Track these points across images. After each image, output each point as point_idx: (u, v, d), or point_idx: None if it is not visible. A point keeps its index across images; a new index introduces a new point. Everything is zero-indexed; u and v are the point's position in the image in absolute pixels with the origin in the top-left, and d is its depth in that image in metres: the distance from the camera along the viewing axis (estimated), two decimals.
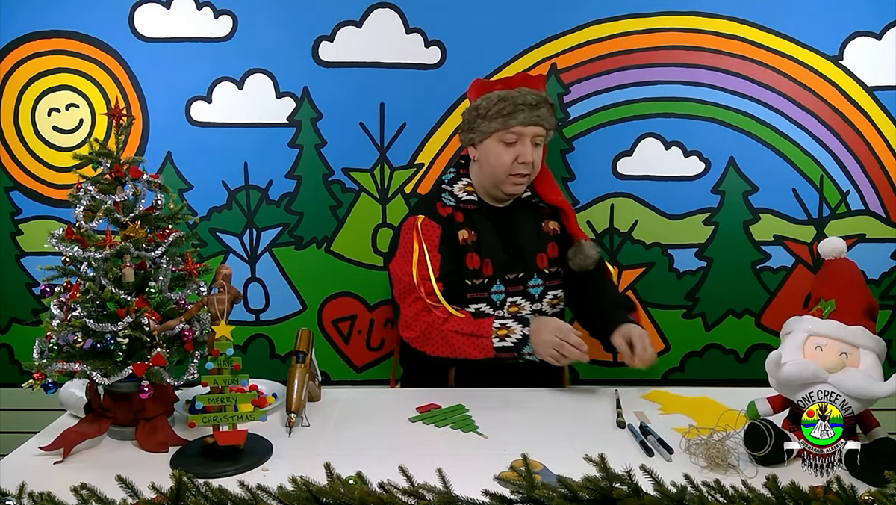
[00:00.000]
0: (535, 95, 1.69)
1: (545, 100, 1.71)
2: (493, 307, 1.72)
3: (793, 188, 2.06)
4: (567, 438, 1.34)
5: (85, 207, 1.28)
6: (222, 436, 1.22)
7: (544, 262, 1.77)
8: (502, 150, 1.69)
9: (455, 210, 1.74)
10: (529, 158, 1.68)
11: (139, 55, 2.03)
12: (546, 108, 1.70)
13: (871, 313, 1.24)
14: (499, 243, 1.74)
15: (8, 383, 2.13)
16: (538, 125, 1.68)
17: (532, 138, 1.69)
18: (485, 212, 1.76)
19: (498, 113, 1.68)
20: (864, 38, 2.00)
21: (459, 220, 1.74)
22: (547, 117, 1.70)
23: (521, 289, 1.74)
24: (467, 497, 0.95)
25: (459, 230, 1.72)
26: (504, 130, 1.67)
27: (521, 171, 1.69)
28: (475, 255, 1.71)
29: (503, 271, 1.73)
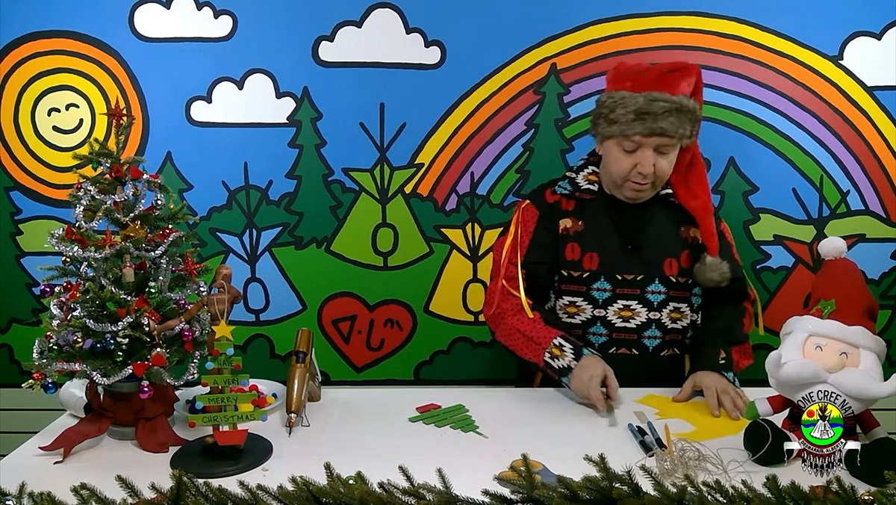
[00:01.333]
0: (663, 102, 1.52)
1: (677, 107, 1.53)
2: (594, 305, 1.63)
3: (793, 188, 2.06)
4: (567, 438, 1.34)
5: (85, 207, 1.28)
6: (222, 436, 1.22)
7: (674, 269, 1.63)
8: (621, 156, 1.58)
9: (568, 198, 1.68)
10: (648, 169, 1.55)
11: (139, 55, 2.03)
12: (676, 116, 1.53)
13: (871, 313, 1.24)
14: (615, 238, 1.63)
15: (8, 383, 2.13)
16: (662, 135, 1.54)
17: (656, 147, 1.55)
18: (605, 203, 1.66)
19: (618, 118, 1.56)
20: (864, 38, 2.00)
21: (567, 208, 1.67)
22: (674, 127, 1.53)
23: (639, 293, 1.63)
24: (467, 497, 0.95)
25: (562, 219, 1.66)
26: (622, 138, 1.56)
27: (639, 180, 1.57)
28: (576, 245, 1.64)
29: (615, 269, 1.63)
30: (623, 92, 1.57)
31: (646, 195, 1.63)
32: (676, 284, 1.64)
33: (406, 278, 2.13)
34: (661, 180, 1.61)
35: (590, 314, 1.65)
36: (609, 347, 1.65)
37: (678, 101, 1.54)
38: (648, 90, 1.55)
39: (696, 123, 1.61)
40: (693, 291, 1.69)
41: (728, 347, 1.62)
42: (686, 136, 1.58)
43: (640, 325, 1.64)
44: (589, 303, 1.65)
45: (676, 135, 1.55)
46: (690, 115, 1.57)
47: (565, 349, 1.53)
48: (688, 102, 1.56)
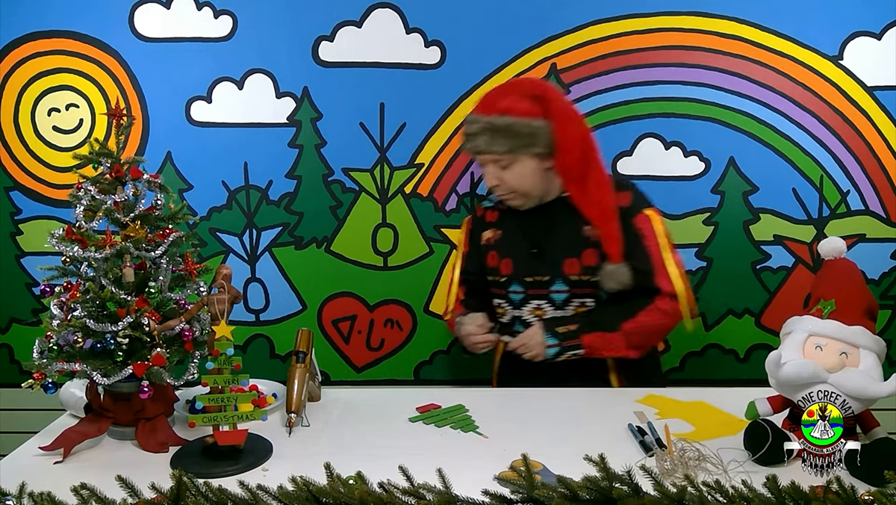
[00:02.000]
0: (475, 124, 1.64)
1: (485, 127, 1.62)
2: (513, 306, 1.74)
3: (793, 188, 2.06)
4: (567, 438, 1.34)
5: (85, 207, 1.28)
6: (222, 436, 1.22)
7: (574, 268, 1.68)
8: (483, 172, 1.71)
9: (492, 210, 1.80)
10: (489, 183, 1.68)
11: (139, 55, 2.03)
12: (486, 135, 1.62)
13: (871, 313, 1.24)
14: (523, 244, 1.73)
15: (8, 383, 2.13)
16: (480, 153, 1.65)
17: (493, 162, 1.65)
18: (516, 212, 1.74)
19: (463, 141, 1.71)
20: (864, 38, 2.00)
21: (491, 219, 1.80)
22: (487, 144, 1.62)
23: (546, 292, 1.71)
24: (467, 497, 0.95)
25: (485, 230, 1.79)
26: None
27: (498, 193, 1.70)
28: (495, 253, 1.76)
29: (524, 273, 1.72)
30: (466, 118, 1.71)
31: (518, 202, 1.70)
32: (579, 281, 1.69)
33: (406, 278, 2.13)
34: (524, 190, 1.67)
35: (511, 315, 1.76)
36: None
37: (489, 121, 1.62)
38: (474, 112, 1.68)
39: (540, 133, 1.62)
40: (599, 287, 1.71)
41: (585, 325, 1.66)
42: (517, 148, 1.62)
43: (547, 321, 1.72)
44: (509, 304, 1.76)
45: (492, 152, 1.63)
46: (507, 131, 1.61)
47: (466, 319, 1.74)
48: (500, 120, 1.61)
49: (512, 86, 1.71)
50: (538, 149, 1.63)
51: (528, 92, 1.65)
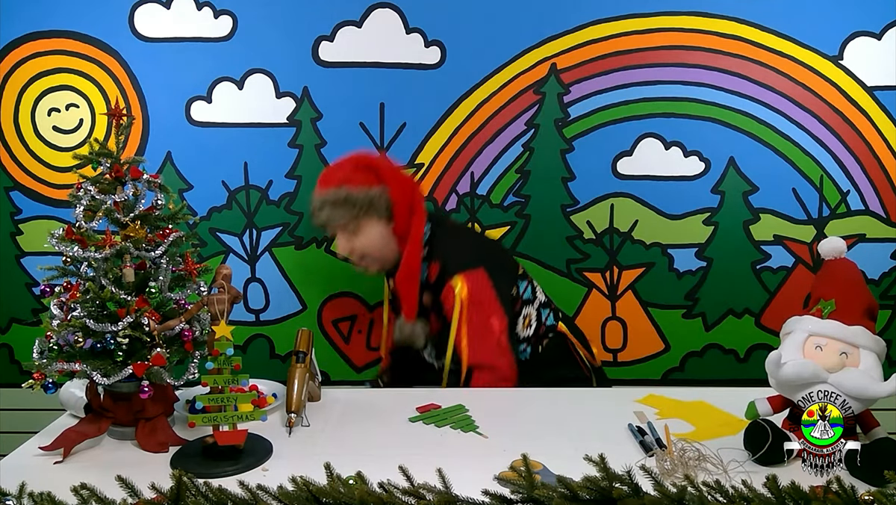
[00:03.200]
0: (315, 201, 1.75)
1: (325, 200, 1.72)
2: None
3: (793, 188, 2.06)
4: (567, 438, 1.34)
5: (85, 207, 1.28)
6: (222, 436, 1.22)
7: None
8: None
9: None
10: (342, 252, 1.79)
11: (139, 55, 2.03)
12: (327, 208, 1.72)
13: (871, 313, 1.24)
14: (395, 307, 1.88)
15: (8, 383, 2.13)
16: (324, 226, 1.77)
17: (341, 232, 1.75)
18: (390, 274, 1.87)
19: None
20: (864, 38, 2.00)
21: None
22: (329, 218, 1.73)
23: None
24: (467, 497, 0.95)
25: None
26: None
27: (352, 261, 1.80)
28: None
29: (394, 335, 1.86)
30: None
31: (375, 269, 1.81)
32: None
33: None
34: (374, 255, 1.77)
35: None
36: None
37: (326, 196, 1.73)
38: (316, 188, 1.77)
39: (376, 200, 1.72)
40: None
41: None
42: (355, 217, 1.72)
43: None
44: None
45: (337, 223, 1.74)
46: (343, 203, 1.71)
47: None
48: (337, 193, 1.71)
49: (345, 161, 1.78)
50: (378, 213, 1.74)
51: (360, 163, 1.76)
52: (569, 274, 2.12)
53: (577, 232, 2.10)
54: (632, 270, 2.12)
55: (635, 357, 2.16)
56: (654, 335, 2.14)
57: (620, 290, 2.12)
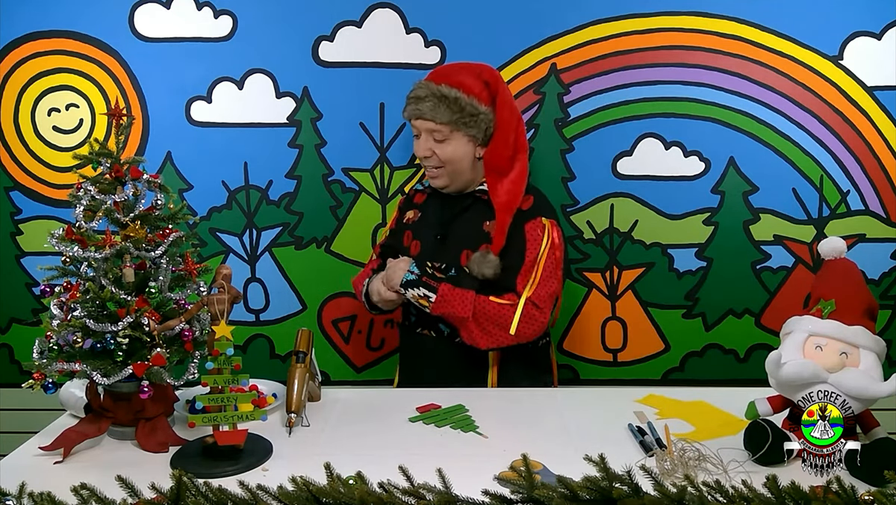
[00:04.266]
0: (422, 88, 1.68)
1: (434, 93, 1.65)
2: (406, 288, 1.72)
3: (793, 188, 2.06)
4: (567, 438, 1.34)
5: (85, 207, 1.28)
6: (222, 436, 1.22)
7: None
8: (414, 141, 1.75)
9: (421, 192, 1.85)
10: (421, 153, 1.70)
11: (139, 55, 2.03)
12: (432, 101, 1.65)
13: (871, 313, 1.24)
14: (432, 229, 1.76)
15: (8, 383, 2.13)
16: (421, 119, 1.67)
17: (430, 132, 1.68)
18: (437, 197, 1.80)
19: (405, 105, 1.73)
20: (864, 38, 2.00)
21: (417, 201, 1.85)
22: (432, 111, 1.65)
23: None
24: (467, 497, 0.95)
25: (409, 210, 1.84)
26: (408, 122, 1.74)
27: (426, 164, 1.72)
28: (410, 233, 1.81)
29: (426, 257, 1.75)
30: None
31: (440, 181, 1.73)
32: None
33: None
34: (451, 168, 1.70)
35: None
36: (416, 326, 1.80)
37: (438, 89, 1.66)
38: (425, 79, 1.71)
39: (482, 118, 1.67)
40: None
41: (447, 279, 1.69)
42: (458, 123, 1.65)
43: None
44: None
45: (435, 119, 1.65)
46: (453, 104, 1.65)
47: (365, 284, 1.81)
48: (450, 92, 1.65)
49: (467, 65, 1.74)
50: (476, 132, 1.68)
51: (482, 75, 1.71)
52: (569, 274, 2.12)
53: (577, 232, 2.10)
54: (632, 270, 2.12)
55: (635, 357, 2.16)
56: (654, 335, 2.15)
57: (620, 290, 2.12)
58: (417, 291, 1.67)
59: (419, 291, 1.67)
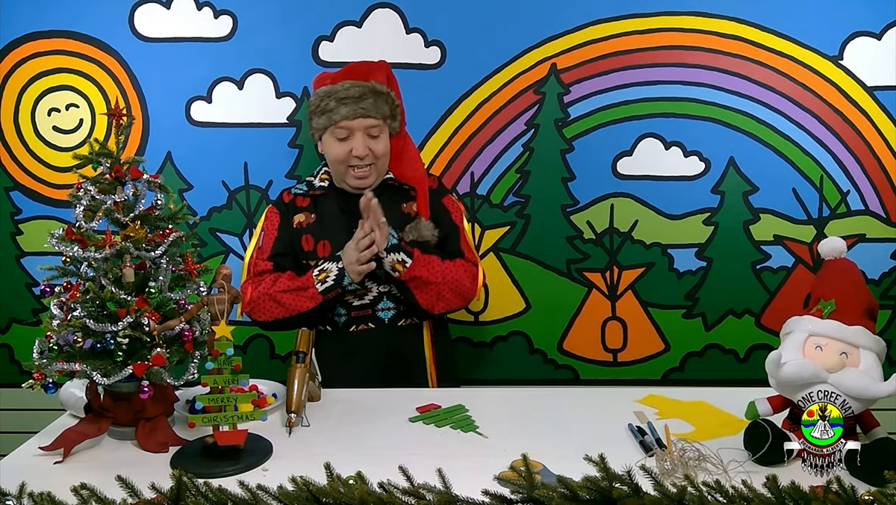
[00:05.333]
0: (358, 87, 1.67)
1: (371, 89, 1.68)
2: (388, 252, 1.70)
3: (793, 188, 2.06)
4: (567, 438, 1.34)
5: (85, 207, 1.28)
6: (222, 436, 1.22)
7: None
8: (335, 144, 1.69)
9: (303, 196, 1.78)
10: (361, 152, 1.67)
11: (139, 55, 2.03)
12: (372, 97, 1.67)
13: (871, 313, 1.24)
14: (343, 225, 1.72)
15: (8, 383, 2.14)
16: (365, 117, 1.67)
17: (365, 130, 1.68)
18: (334, 197, 1.77)
19: (323, 110, 1.69)
20: (864, 38, 2.00)
21: (302, 204, 1.78)
22: (374, 107, 1.67)
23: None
24: (467, 497, 0.95)
25: (296, 214, 1.77)
26: (333, 126, 1.68)
27: (358, 164, 1.69)
28: (310, 236, 1.75)
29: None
30: (322, 88, 1.71)
31: (370, 180, 1.72)
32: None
33: None
34: (381, 162, 1.72)
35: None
36: (350, 325, 1.75)
37: (371, 85, 1.68)
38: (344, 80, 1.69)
39: (398, 109, 1.74)
40: None
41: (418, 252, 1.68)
42: (389, 117, 1.71)
43: (373, 299, 1.73)
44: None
45: (379, 114, 1.69)
46: (387, 98, 1.70)
47: (324, 267, 1.67)
48: (381, 87, 1.70)
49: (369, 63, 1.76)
50: (396, 124, 1.75)
51: (384, 70, 1.75)
52: (569, 274, 2.12)
53: (577, 232, 2.10)
54: (632, 270, 2.12)
55: (635, 357, 2.16)
56: (654, 335, 2.15)
57: (620, 290, 2.12)
58: (396, 255, 1.65)
59: (398, 255, 1.65)
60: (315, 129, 1.74)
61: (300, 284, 1.68)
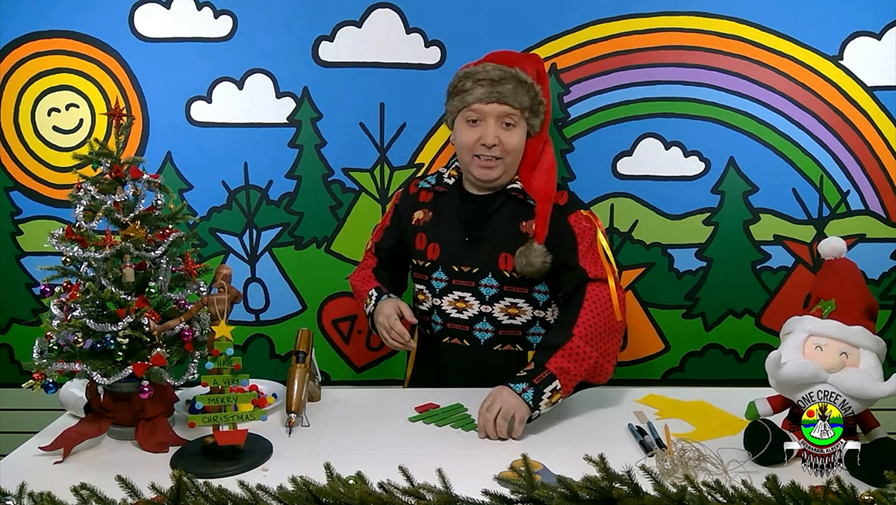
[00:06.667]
0: (499, 71, 1.57)
1: (513, 76, 1.58)
2: (433, 294, 1.68)
3: (793, 188, 2.06)
4: (567, 438, 1.34)
5: (85, 207, 1.28)
6: (222, 436, 1.22)
7: (508, 263, 1.61)
8: (466, 129, 1.61)
9: (427, 190, 1.74)
10: (490, 140, 1.57)
11: (139, 55, 2.03)
12: (513, 83, 1.57)
13: (871, 313, 1.24)
14: (457, 230, 1.65)
15: (8, 383, 2.13)
16: (501, 103, 1.57)
17: (499, 118, 1.58)
18: (457, 196, 1.69)
19: (459, 90, 1.61)
20: (864, 38, 2.00)
21: (424, 200, 1.73)
22: (513, 94, 1.57)
23: (473, 285, 1.64)
24: (467, 497, 0.95)
25: (416, 210, 1.73)
26: (465, 108, 1.60)
27: (484, 153, 1.58)
28: (423, 235, 1.70)
29: (452, 260, 1.65)
30: (465, 69, 1.64)
31: (495, 172, 1.60)
32: (511, 278, 1.62)
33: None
34: (511, 158, 1.60)
35: (430, 303, 1.71)
36: (443, 336, 1.70)
37: (514, 72, 1.59)
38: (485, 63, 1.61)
39: (542, 107, 1.64)
40: (535, 287, 1.65)
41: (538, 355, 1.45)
42: (528, 110, 1.60)
43: (471, 317, 1.66)
44: (429, 291, 1.70)
45: (517, 103, 1.58)
46: (529, 89, 1.60)
47: (372, 297, 1.70)
48: (525, 76, 1.60)
49: (521, 53, 1.70)
50: (537, 122, 1.63)
51: (536, 65, 1.66)
52: None
53: None
54: (632, 270, 2.12)
55: (635, 357, 2.16)
56: (654, 335, 2.14)
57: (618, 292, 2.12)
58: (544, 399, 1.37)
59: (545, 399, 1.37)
60: (449, 113, 1.66)
61: (361, 290, 1.77)
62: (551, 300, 1.69)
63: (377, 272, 1.81)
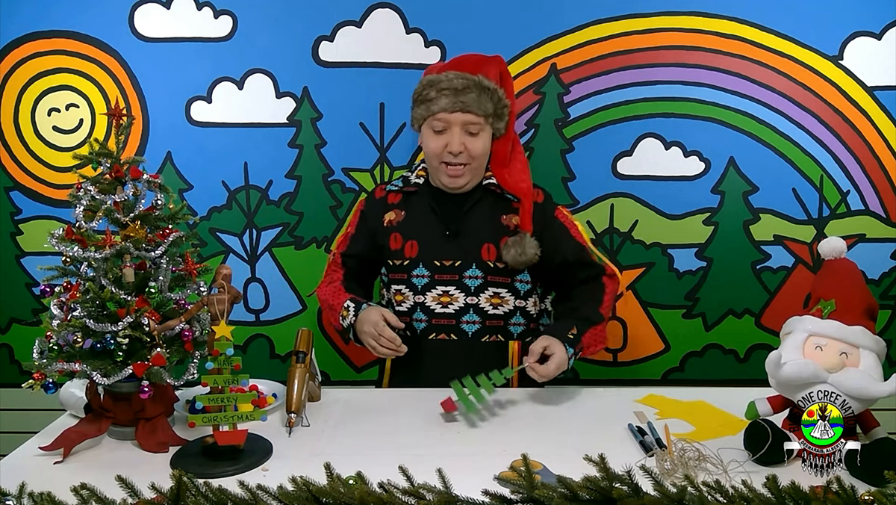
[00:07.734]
0: (462, 79, 1.61)
1: (476, 84, 1.61)
2: (416, 292, 1.69)
3: (793, 188, 2.06)
4: (567, 438, 1.34)
5: (85, 207, 1.28)
6: (222, 436, 1.22)
7: (491, 254, 1.66)
8: (432, 137, 1.64)
9: (395, 192, 1.76)
10: (456, 148, 1.61)
11: (139, 55, 2.03)
12: (476, 91, 1.60)
13: (871, 313, 1.24)
14: (435, 226, 1.69)
15: (8, 383, 2.13)
16: (465, 112, 1.60)
17: (463, 126, 1.61)
18: (428, 194, 1.72)
19: (424, 98, 1.65)
20: (864, 38, 2.00)
21: (393, 201, 1.75)
22: (476, 103, 1.60)
23: (456, 278, 1.67)
24: (467, 497, 0.95)
25: (387, 212, 1.74)
26: (430, 117, 1.64)
27: (452, 161, 1.62)
28: (398, 235, 1.71)
29: (433, 255, 1.68)
30: (426, 77, 1.67)
31: (463, 180, 1.66)
32: (494, 269, 1.67)
33: None
34: (477, 163, 1.65)
35: (412, 301, 1.70)
36: (429, 332, 1.69)
37: (477, 80, 1.61)
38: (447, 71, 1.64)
39: (506, 110, 1.67)
40: (517, 277, 1.69)
41: (582, 325, 1.60)
42: (492, 116, 1.64)
43: (458, 310, 1.67)
44: (410, 290, 1.70)
45: (480, 111, 1.61)
46: (492, 95, 1.63)
47: (350, 309, 1.65)
48: (488, 83, 1.63)
49: (484, 56, 1.70)
50: (501, 125, 1.67)
51: (498, 66, 1.69)
52: None
53: None
54: (632, 270, 2.12)
55: (635, 357, 2.16)
56: (654, 335, 2.15)
57: (621, 290, 2.12)
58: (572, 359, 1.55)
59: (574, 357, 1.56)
60: (414, 119, 1.70)
61: (333, 302, 1.71)
62: (532, 290, 1.74)
63: (346, 284, 1.76)
